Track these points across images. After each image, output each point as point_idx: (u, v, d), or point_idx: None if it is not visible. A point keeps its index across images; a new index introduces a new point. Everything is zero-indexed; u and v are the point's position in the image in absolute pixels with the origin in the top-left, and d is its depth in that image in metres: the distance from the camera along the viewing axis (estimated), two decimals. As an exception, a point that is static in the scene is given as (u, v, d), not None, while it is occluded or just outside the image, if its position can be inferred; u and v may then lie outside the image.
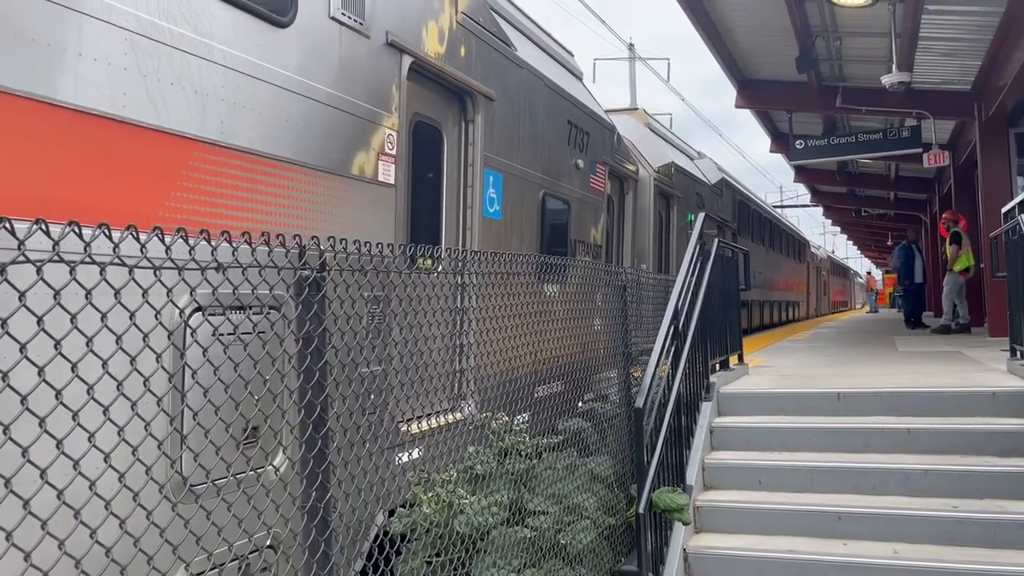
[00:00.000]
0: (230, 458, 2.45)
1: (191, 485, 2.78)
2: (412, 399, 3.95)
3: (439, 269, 4.15)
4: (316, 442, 2.28)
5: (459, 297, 4.34)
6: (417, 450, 4.46)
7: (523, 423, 4.84)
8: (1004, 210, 6.95)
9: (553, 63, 8.85)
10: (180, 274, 1.95)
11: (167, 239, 1.83)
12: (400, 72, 5.53)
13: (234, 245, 1.94)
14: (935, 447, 5.42)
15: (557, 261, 5.40)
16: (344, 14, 4.92)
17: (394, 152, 5.43)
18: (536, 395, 5.12)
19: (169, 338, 2.26)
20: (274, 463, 3.21)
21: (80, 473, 1.85)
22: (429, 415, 4.32)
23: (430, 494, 4.17)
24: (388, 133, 5.40)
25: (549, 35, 9.41)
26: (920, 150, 14.27)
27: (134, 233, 1.82)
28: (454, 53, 6.26)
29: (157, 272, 1.88)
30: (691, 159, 16.14)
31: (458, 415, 4.58)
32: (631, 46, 33.17)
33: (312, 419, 2.27)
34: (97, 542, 1.89)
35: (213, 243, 2.00)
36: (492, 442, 4.68)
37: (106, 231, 1.77)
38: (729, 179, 19.23)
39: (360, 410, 3.09)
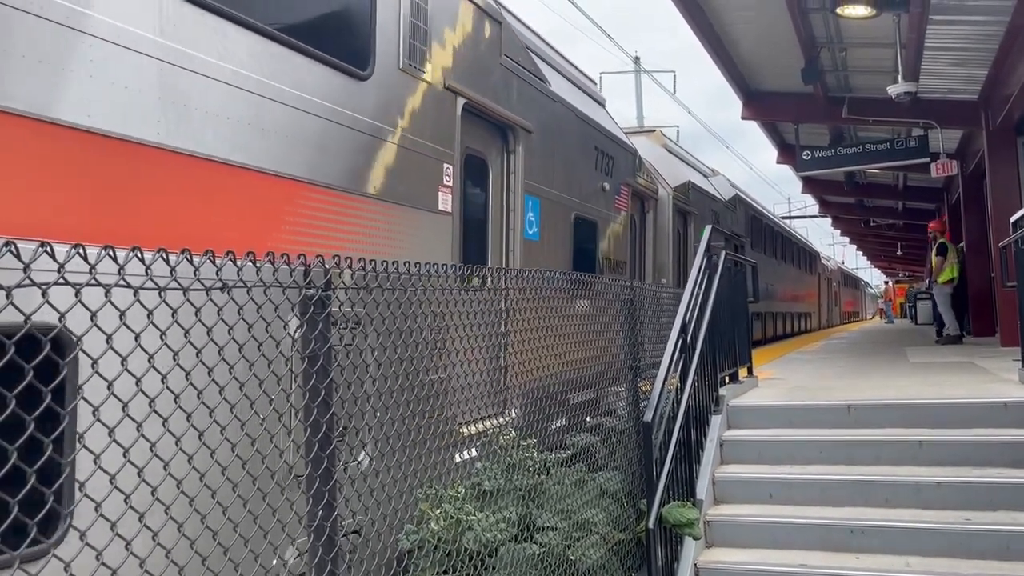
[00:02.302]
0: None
1: (295, 475, 2.96)
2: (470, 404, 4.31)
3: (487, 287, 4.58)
4: (322, 461, 2.28)
5: (498, 314, 4.66)
6: (472, 451, 4.76)
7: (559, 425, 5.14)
8: (1013, 219, 6.91)
9: (579, 93, 9.58)
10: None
11: (172, 259, 1.84)
12: (456, 112, 6.23)
13: (238, 265, 1.96)
14: (947, 459, 5.37)
15: (581, 277, 5.55)
16: (411, 65, 5.68)
17: (451, 184, 6.12)
18: (571, 401, 5.45)
19: (277, 347, 2.57)
20: (358, 459, 3.49)
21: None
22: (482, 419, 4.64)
23: (438, 510, 4.16)
24: (446, 167, 6.08)
25: (574, 66, 10.24)
26: (928, 160, 14.22)
27: (163, 255, 1.84)
28: (498, 92, 6.97)
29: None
30: (705, 177, 16.88)
31: (504, 419, 4.86)
32: (637, 59, 33.27)
33: (317, 438, 2.27)
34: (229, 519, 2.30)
35: (219, 263, 2.06)
36: (500, 457, 4.67)
37: (138, 254, 1.89)
38: (742, 195, 19.93)
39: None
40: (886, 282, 54.04)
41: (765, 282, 20.53)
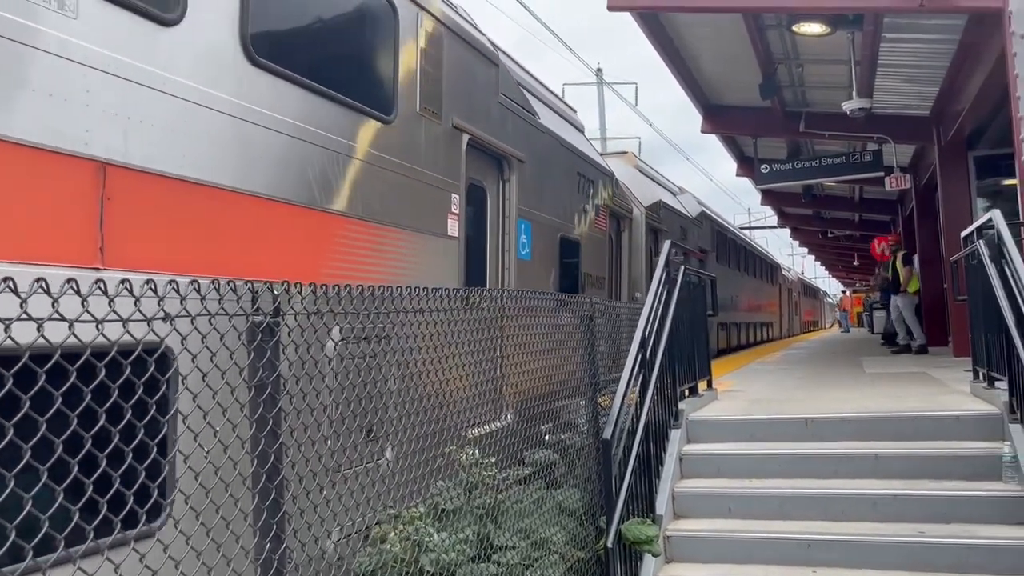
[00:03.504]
0: (359, 450, 3.53)
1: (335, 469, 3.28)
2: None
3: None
4: (269, 492, 2.22)
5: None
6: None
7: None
8: (963, 235, 7.06)
9: (562, 122, 10.47)
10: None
11: (108, 289, 1.78)
12: (462, 148, 6.98)
13: (182, 295, 1.90)
14: (903, 472, 5.44)
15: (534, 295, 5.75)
16: (426, 108, 6.41)
17: (457, 211, 6.82)
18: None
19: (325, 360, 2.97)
20: (386, 456, 3.87)
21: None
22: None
23: (397, 531, 4.10)
24: (453, 196, 6.80)
25: (558, 96, 11.30)
26: (882, 174, 14.51)
27: (101, 286, 1.79)
28: (496, 127, 7.76)
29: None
30: (674, 194, 17.99)
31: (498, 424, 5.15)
32: (599, 71, 33.56)
33: (265, 469, 2.21)
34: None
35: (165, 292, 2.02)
36: (460, 477, 4.62)
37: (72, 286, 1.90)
38: (707, 211, 21.07)
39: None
40: (843, 291, 55.01)
41: (729, 293, 21.81)
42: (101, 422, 1.91)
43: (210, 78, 4.27)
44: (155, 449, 2.11)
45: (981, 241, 6.20)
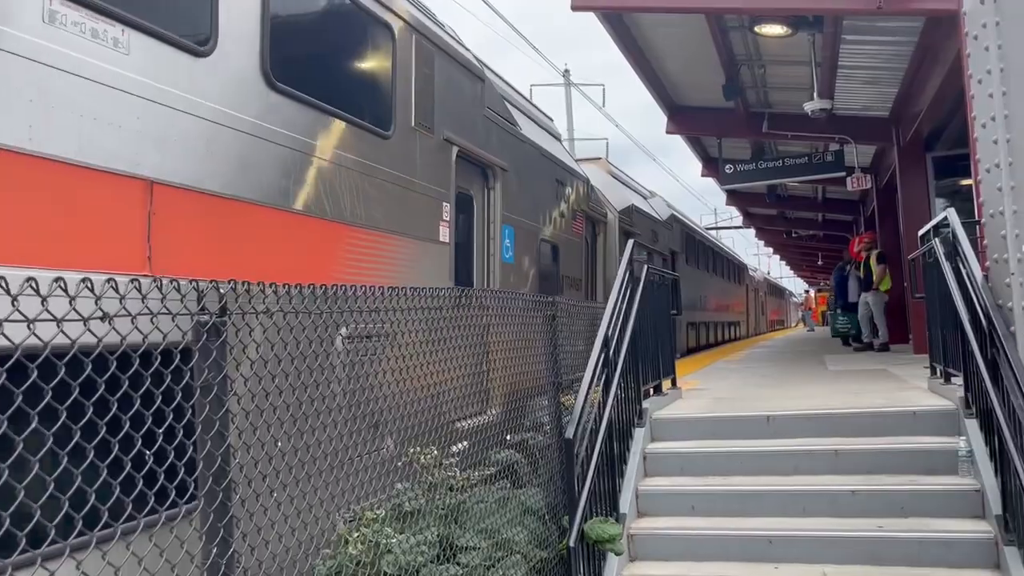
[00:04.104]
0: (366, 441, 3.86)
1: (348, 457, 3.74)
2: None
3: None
4: (216, 495, 2.17)
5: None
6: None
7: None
8: (920, 233, 7.17)
9: (541, 131, 11.11)
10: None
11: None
12: (452, 159, 7.52)
13: (121, 294, 1.85)
14: (862, 468, 5.50)
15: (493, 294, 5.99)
16: (420, 123, 6.95)
17: (448, 218, 7.35)
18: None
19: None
20: (387, 445, 4.17)
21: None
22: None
23: (356, 534, 4.06)
24: (444, 204, 7.33)
25: (535, 106, 12.05)
26: (844, 174, 14.70)
27: (33, 285, 1.73)
28: (482, 139, 8.34)
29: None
30: (645, 198, 18.58)
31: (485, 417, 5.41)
32: (566, 72, 33.58)
33: (212, 471, 2.16)
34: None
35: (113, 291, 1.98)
36: (422, 477, 4.59)
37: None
38: (677, 214, 21.66)
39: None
40: (806, 291, 55.69)
41: (698, 294, 22.69)
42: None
43: (236, 102, 4.76)
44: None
45: (937, 239, 6.30)
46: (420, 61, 6.97)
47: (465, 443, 4.99)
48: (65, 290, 1.68)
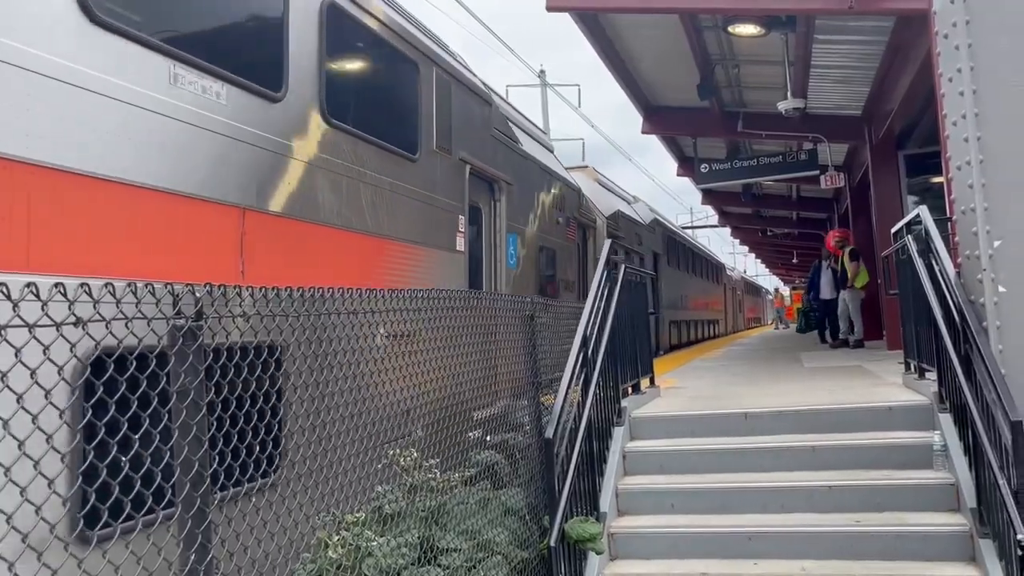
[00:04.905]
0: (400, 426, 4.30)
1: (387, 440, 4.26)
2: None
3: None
4: (194, 501, 2.14)
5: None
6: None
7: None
8: (893, 231, 7.25)
9: (538, 146, 12.20)
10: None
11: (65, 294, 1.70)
12: (465, 176, 8.46)
13: (95, 298, 1.82)
14: (839, 463, 5.55)
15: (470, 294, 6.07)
16: (440, 146, 7.88)
17: (463, 230, 8.26)
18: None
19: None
20: (418, 431, 4.54)
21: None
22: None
23: (336, 538, 4.03)
24: (460, 217, 8.24)
25: (531, 122, 13.06)
26: (818, 172, 14.84)
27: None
28: (489, 157, 9.32)
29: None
30: (629, 204, 19.68)
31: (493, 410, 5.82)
32: (542, 73, 33.56)
33: (189, 477, 2.13)
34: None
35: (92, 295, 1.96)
36: (402, 479, 4.57)
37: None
38: (659, 218, 22.96)
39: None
40: (776, 289, 56.20)
41: (679, 293, 23.89)
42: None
43: (302, 138, 5.67)
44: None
45: (910, 236, 6.37)
46: (439, 91, 7.93)
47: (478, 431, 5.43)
48: (37, 295, 1.66)
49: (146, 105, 4.33)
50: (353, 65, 6.86)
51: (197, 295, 2.20)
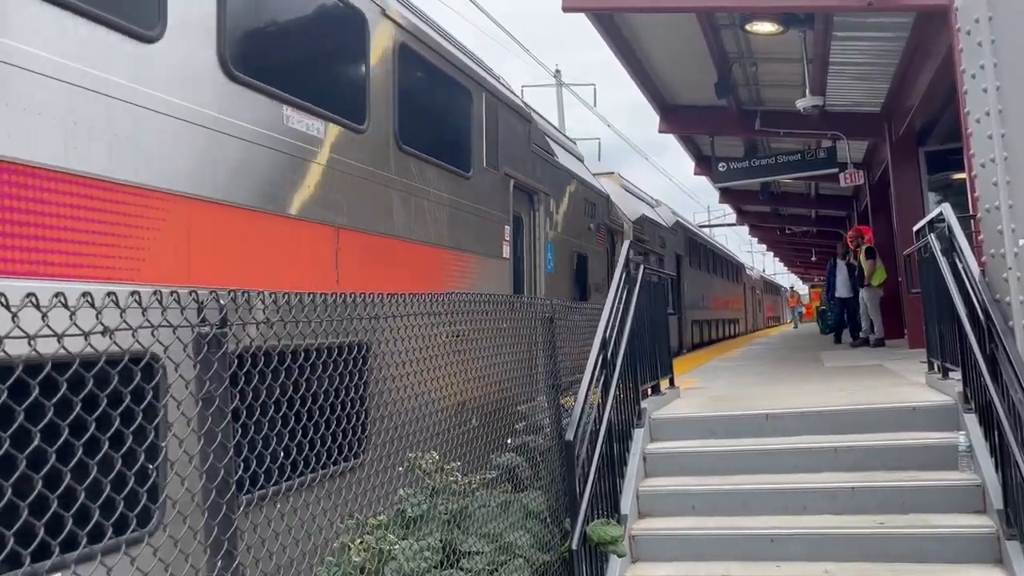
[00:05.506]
0: (458, 416, 4.69)
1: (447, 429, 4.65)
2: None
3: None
4: (220, 508, 2.16)
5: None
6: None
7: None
8: (915, 229, 7.18)
9: (571, 157, 13.01)
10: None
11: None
12: (510, 190, 9.32)
13: (121, 308, 1.84)
14: (861, 464, 5.51)
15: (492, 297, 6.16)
16: (490, 164, 8.77)
17: (508, 238, 9.14)
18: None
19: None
20: (472, 422, 4.95)
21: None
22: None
23: (359, 541, 4.04)
24: (506, 227, 9.12)
25: (563, 133, 14.38)
26: (836, 170, 14.72)
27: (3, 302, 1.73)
28: (530, 171, 10.17)
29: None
30: (652, 207, 20.35)
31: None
32: (557, 72, 33.53)
33: (215, 484, 2.15)
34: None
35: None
36: (424, 482, 4.57)
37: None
38: (681, 221, 23.80)
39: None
40: (791, 287, 55.88)
41: (701, 293, 24.69)
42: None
43: (380, 163, 6.50)
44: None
45: (933, 235, 6.31)
46: (488, 114, 8.79)
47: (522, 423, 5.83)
48: (65, 305, 1.68)
49: (267, 144, 5.15)
50: (419, 96, 7.59)
51: (222, 302, 2.22)
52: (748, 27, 10.26)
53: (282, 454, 3.04)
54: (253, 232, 4.97)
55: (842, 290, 15.25)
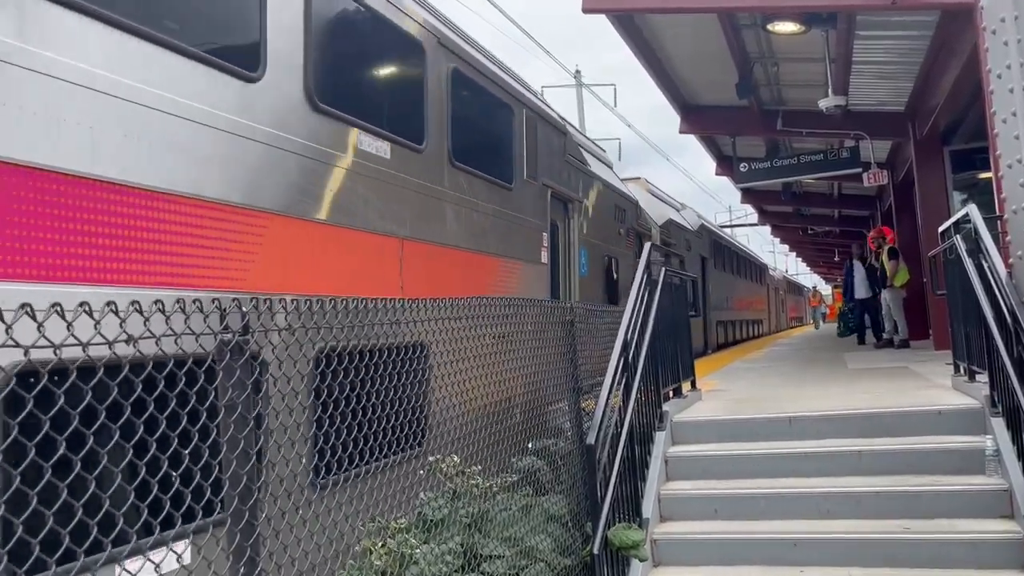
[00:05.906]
0: (501, 411, 5.07)
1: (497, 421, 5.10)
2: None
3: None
4: (243, 514, 2.17)
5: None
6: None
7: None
8: (940, 230, 7.09)
9: (600, 165, 13.61)
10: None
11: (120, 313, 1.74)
12: (547, 199, 9.98)
13: (145, 315, 1.86)
14: (886, 468, 5.45)
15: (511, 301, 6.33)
16: (530, 175, 9.41)
17: (547, 245, 9.78)
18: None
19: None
20: (515, 417, 5.36)
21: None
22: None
23: (380, 545, 4.05)
24: (543, 234, 9.76)
25: (593, 141, 14.95)
26: (860, 170, 14.58)
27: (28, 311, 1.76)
28: (565, 180, 10.81)
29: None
30: (678, 211, 20.89)
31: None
32: (577, 73, 33.50)
33: (238, 491, 2.16)
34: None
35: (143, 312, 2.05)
36: (444, 485, 4.58)
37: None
38: (706, 223, 24.53)
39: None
40: (813, 287, 55.39)
41: (725, 294, 25.25)
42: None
43: (436, 180, 7.10)
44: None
45: (958, 236, 6.23)
46: (528, 128, 9.37)
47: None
48: (90, 313, 1.70)
49: (345, 166, 5.83)
50: (468, 115, 8.14)
51: (244, 309, 2.24)
52: (770, 27, 10.19)
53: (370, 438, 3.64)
54: (336, 244, 5.62)
55: (860, 290, 15.12)
